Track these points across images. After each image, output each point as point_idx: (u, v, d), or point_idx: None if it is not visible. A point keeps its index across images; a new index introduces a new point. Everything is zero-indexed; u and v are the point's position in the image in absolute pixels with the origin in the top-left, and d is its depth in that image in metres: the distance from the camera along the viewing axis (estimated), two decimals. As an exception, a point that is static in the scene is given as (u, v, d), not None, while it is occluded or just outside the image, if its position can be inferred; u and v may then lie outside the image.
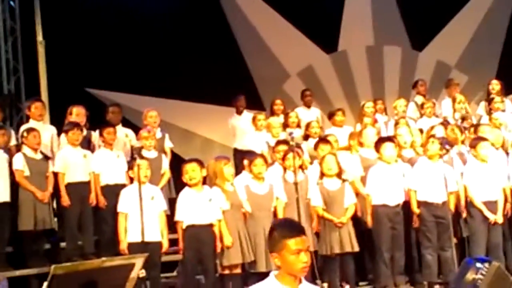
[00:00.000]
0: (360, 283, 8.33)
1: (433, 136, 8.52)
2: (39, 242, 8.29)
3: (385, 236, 8.11)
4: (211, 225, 7.49)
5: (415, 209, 8.17)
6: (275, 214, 7.94)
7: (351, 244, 8.00)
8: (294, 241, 3.43)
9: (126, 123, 9.69)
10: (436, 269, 8.08)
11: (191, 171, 7.53)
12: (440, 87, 11.73)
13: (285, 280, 3.49)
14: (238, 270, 7.66)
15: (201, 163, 7.72)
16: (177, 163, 8.51)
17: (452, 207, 8.14)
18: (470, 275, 3.92)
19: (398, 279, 8.15)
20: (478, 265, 3.92)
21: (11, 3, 10.98)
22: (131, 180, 7.84)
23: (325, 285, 8.02)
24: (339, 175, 8.17)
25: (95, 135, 9.05)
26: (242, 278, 7.65)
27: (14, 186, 8.17)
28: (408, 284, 8.21)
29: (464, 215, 8.27)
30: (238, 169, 8.77)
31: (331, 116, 10.40)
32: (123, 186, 8.04)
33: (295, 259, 3.43)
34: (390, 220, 8.13)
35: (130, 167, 7.77)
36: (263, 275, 4.89)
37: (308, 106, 11.01)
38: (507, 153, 8.75)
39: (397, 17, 12.57)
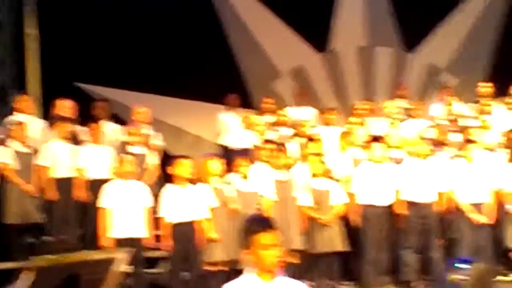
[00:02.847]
0: (345, 283, 8.32)
1: (422, 137, 8.55)
2: (24, 236, 8.25)
3: (372, 236, 8.12)
4: (196, 222, 7.48)
5: (401, 209, 8.17)
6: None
7: (340, 243, 8.03)
8: (263, 236, 3.47)
9: (116, 119, 9.66)
10: (416, 268, 8.08)
11: (181, 167, 7.53)
12: (430, 89, 11.73)
13: (260, 275, 3.52)
14: (223, 267, 7.65)
15: (190, 160, 7.73)
16: (167, 160, 8.49)
17: (440, 207, 8.18)
18: (453, 276, 3.89)
19: (382, 279, 8.15)
20: (462, 266, 3.89)
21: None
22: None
23: (311, 284, 8.03)
24: (327, 174, 8.19)
25: (82, 129, 9.01)
26: (228, 276, 7.63)
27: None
28: (392, 284, 8.20)
29: (453, 216, 8.28)
30: (227, 167, 8.73)
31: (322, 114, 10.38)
32: (109, 181, 8.01)
33: (266, 254, 3.47)
34: (378, 220, 8.14)
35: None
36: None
37: (302, 105, 11.00)
38: (495, 155, 8.75)
39: (389, 18, 12.56)
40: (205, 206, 7.54)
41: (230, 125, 10.52)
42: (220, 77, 11.46)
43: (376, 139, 8.55)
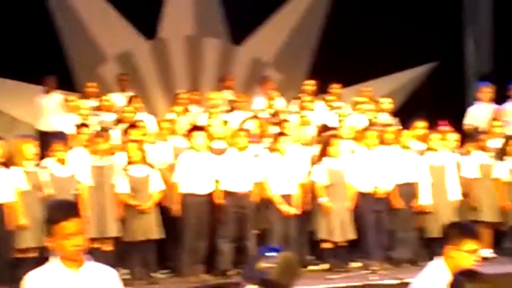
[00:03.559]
0: (161, 271, 8.29)
1: (242, 129, 8.71)
2: None
3: (190, 224, 8.16)
4: (3, 206, 7.15)
5: (219, 198, 8.26)
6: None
7: (155, 231, 8.00)
8: (63, 225, 3.35)
9: None
10: (232, 258, 8.22)
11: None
12: (255, 83, 11.93)
13: (66, 263, 3.43)
14: (34, 254, 7.37)
15: (3, 142, 7.37)
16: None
17: (256, 198, 8.36)
18: (261, 264, 3.93)
19: (198, 268, 8.20)
20: (270, 254, 3.94)
21: None
22: None
23: (126, 271, 7.93)
24: (145, 162, 8.12)
25: None
26: (38, 263, 7.34)
27: None
28: (208, 273, 8.28)
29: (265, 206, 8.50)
30: (43, 151, 8.40)
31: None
32: None
33: (67, 243, 3.36)
34: (197, 209, 8.19)
35: None
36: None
37: (126, 91, 10.81)
38: (308, 150, 9.06)
39: (218, 10, 12.65)
40: (11, 189, 7.22)
41: (48, 108, 10.16)
42: (42, 58, 11.02)
43: (198, 128, 8.60)
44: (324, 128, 9.67)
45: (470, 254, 4.11)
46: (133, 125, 8.78)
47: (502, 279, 7.16)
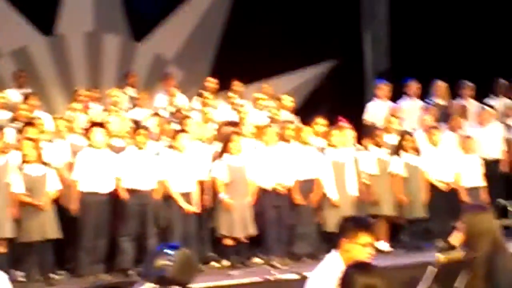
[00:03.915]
0: (58, 272, 8.09)
1: (141, 126, 8.63)
2: None
3: (90, 223, 8.01)
4: None
5: (121, 196, 8.14)
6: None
7: (53, 231, 7.81)
8: None
9: None
10: (133, 256, 8.13)
11: None
12: (157, 80, 11.82)
13: None
14: None
15: None
16: None
17: (158, 195, 8.30)
18: (159, 261, 3.91)
19: (97, 267, 8.06)
20: (168, 251, 3.93)
21: None
22: None
23: (22, 274, 7.70)
24: (41, 160, 7.91)
25: None
26: None
27: None
28: (108, 272, 8.14)
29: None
30: None
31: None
32: None
33: None
34: (97, 207, 8.05)
35: None
36: None
37: (21, 88, 10.49)
38: (209, 148, 9.05)
39: (118, 6, 12.45)
40: None
41: None
42: None
43: (97, 125, 8.44)
44: (226, 125, 9.68)
45: (365, 247, 4.18)
46: (29, 123, 8.54)
47: (397, 271, 7.38)
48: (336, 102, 12.00)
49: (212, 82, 11.05)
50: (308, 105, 12.49)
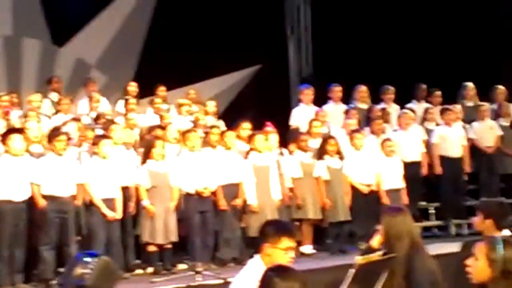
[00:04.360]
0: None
1: (61, 132, 8.45)
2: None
3: (6, 233, 7.78)
4: None
5: (40, 203, 7.95)
6: None
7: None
8: None
9: None
10: (54, 265, 7.94)
11: None
12: (79, 85, 11.63)
13: None
14: None
15: None
16: None
17: (78, 202, 8.15)
18: (78, 270, 3.81)
19: (16, 277, 7.84)
20: (87, 259, 3.84)
21: None
22: None
23: None
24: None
25: None
26: None
27: None
28: (28, 282, 7.94)
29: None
30: None
31: None
32: None
33: None
34: (14, 216, 7.83)
35: None
36: None
37: None
38: (130, 153, 8.95)
39: (38, 10, 12.19)
40: None
41: None
42: None
43: (15, 131, 8.23)
44: (149, 130, 9.61)
45: (286, 251, 4.20)
46: None
47: (321, 274, 7.45)
48: (262, 106, 12.05)
49: (134, 87, 10.94)
50: (234, 110, 12.51)
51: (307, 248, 9.28)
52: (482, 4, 13.13)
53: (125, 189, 8.54)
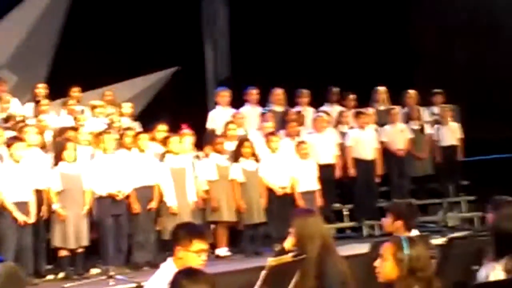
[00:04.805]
0: None
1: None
2: None
3: None
4: None
5: None
6: None
7: None
8: None
9: None
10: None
11: None
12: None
13: None
14: None
15: None
16: None
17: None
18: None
19: None
20: (-7, 265, 3.71)
21: None
22: None
23: None
24: None
25: None
26: None
27: None
28: None
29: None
30: None
31: None
32: None
33: None
34: None
35: None
36: None
37: None
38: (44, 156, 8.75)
39: None
40: None
41: None
42: None
43: None
44: (61, 132, 9.40)
45: (198, 254, 4.20)
46: None
47: (235, 276, 7.46)
48: (179, 108, 11.99)
49: (42, 88, 10.68)
50: (150, 111, 12.41)
51: (222, 251, 9.27)
52: (394, 11, 13.47)
53: (38, 193, 8.33)
